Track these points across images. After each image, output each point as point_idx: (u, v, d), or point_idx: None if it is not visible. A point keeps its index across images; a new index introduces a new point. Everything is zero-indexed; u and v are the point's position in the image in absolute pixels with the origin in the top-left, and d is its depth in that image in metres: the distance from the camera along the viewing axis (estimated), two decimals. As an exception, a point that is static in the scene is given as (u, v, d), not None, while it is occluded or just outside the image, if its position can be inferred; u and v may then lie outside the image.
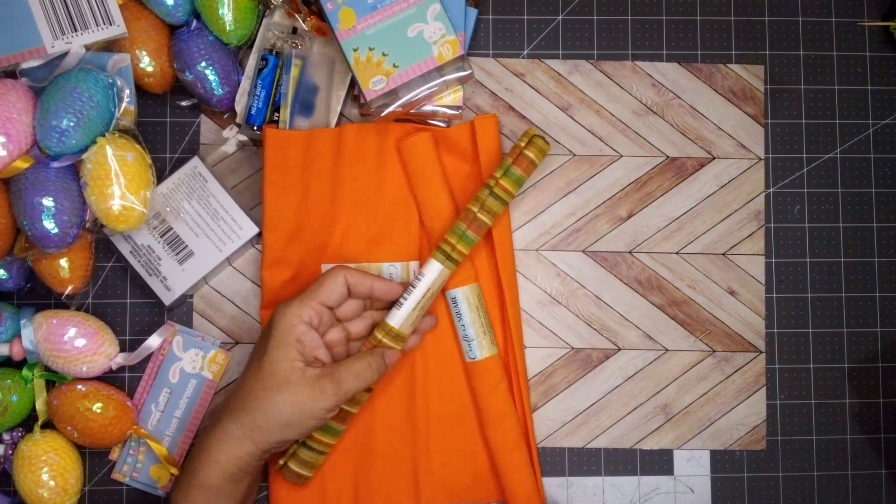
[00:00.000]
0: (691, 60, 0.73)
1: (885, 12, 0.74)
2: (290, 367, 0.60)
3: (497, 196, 0.65)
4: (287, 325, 0.61)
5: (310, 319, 0.62)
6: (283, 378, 0.60)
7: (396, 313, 0.65)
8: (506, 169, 0.66)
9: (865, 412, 0.72)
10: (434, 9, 0.66)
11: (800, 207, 0.73)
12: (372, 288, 0.65)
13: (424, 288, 0.65)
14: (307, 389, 0.60)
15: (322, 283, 0.63)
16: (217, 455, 0.60)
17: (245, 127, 0.69)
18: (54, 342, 0.64)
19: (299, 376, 0.60)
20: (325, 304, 0.63)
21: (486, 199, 0.65)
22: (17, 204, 0.62)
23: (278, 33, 0.68)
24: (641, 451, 0.71)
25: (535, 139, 0.66)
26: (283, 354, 0.61)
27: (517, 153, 0.66)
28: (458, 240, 0.65)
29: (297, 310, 0.62)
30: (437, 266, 0.65)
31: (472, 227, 0.65)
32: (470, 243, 0.65)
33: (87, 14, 0.64)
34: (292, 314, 0.61)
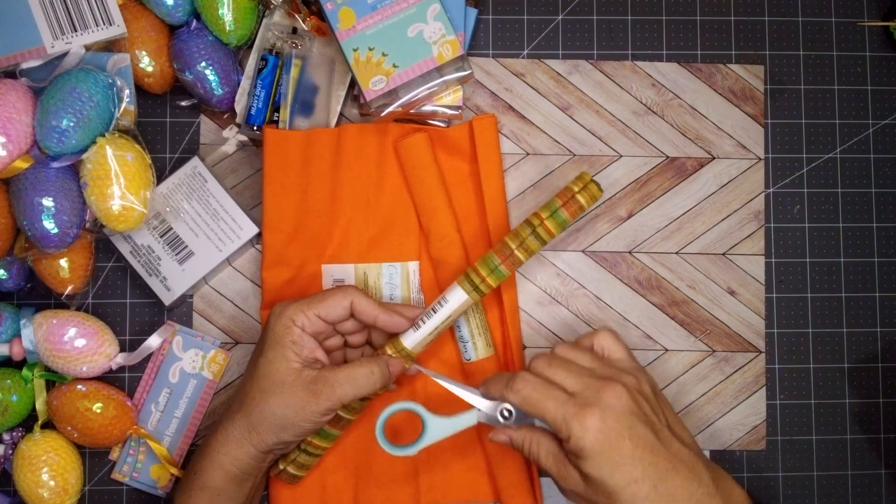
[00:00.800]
0: (691, 60, 0.73)
1: (885, 12, 0.74)
2: (287, 369, 0.60)
3: (538, 235, 0.63)
4: (282, 326, 0.60)
5: (303, 325, 0.61)
6: (278, 379, 0.60)
7: (412, 334, 0.63)
8: (553, 210, 0.63)
9: (865, 412, 0.72)
10: (434, 9, 0.66)
11: (799, 207, 0.73)
12: (376, 319, 0.62)
13: (445, 315, 0.63)
14: (301, 392, 0.59)
15: (325, 299, 0.61)
16: (219, 457, 0.60)
17: (245, 127, 0.69)
18: (54, 342, 0.64)
19: (294, 378, 0.60)
20: (323, 318, 0.61)
21: (527, 238, 0.63)
22: (17, 204, 0.62)
23: (278, 33, 0.68)
24: (641, 451, 0.71)
25: (590, 185, 0.63)
26: (279, 355, 0.60)
27: (569, 196, 0.63)
28: (489, 273, 0.63)
29: (293, 314, 0.61)
30: (463, 295, 0.63)
31: (505, 263, 0.63)
32: (500, 278, 0.63)
33: (87, 14, 0.64)
34: (287, 317, 0.61)
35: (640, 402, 0.56)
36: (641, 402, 0.56)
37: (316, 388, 0.59)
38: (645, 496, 0.54)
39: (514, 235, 0.63)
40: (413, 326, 0.63)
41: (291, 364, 0.60)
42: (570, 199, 0.63)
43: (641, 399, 0.56)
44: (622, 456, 0.54)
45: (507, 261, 0.63)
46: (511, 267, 0.63)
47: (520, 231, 0.63)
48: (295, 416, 0.59)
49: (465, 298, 0.63)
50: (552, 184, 0.72)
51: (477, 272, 0.63)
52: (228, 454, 0.60)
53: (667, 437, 0.56)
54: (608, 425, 0.54)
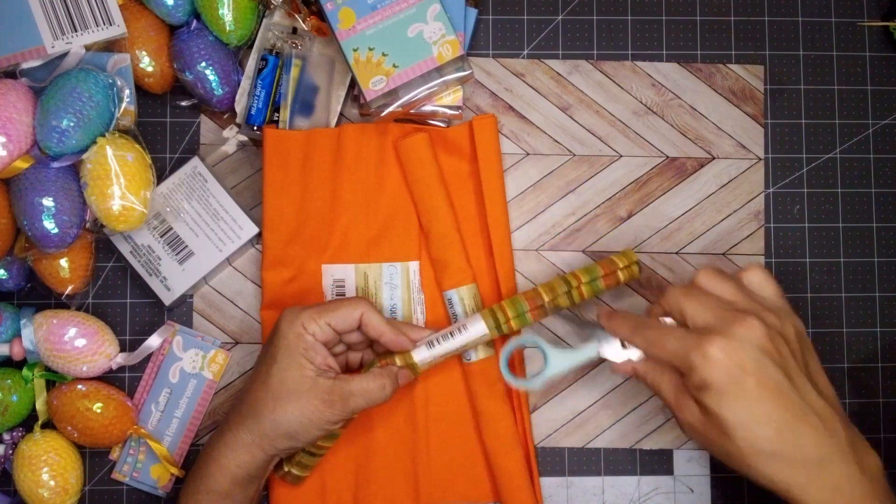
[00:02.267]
0: (691, 60, 0.73)
1: (885, 12, 0.74)
2: (301, 376, 0.59)
3: (571, 297, 0.64)
4: (295, 334, 0.60)
5: (314, 333, 0.60)
6: (293, 387, 0.59)
7: (425, 352, 0.63)
8: (593, 278, 0.64)
9: (865, 412, 0.72)
10: (434, 9, 0.66)
11: (799, 207, 0.73)
12: (382, 336, 0.62)
13: (462, 342, 0.63)
14: (316, 401, 0.59)
15: (337, 309, 0.61)
16: (226, 461, 0.60)
17: (245, 127, 0.69)
18: (54, 342, 0.64)
19: (310, 386, 0.59)
20: (333, 328, 0.61)
21: (560, 296, 0.63)
22: (18, 204, 0.62)
23: (278, 33, 0.68)
24: (641, 451, 0.71)
25: (632, 266, 0.64)
26: (293, 363, 0.60)
27: (611, 270, 0.64)
28: (515, 317, 0.63)
29: (305, 321, 0.60)
30: (484, 329, 0.63)
31: (533, 312, 0.63)
32: (524, 324, 0.64)
33: (87, 14, 0.65)
34: (300, 324, 0.60)
35: (776, 341, 0.52)
36: (779, 341, 0.52)
37: (331, 399, 0.59)
38: (766, 438, 0.51)
39: (548, 289, 0.64)
40: (427, 344, 0.63)
41: (306, 372, 0.60)
42: (612, 273, 0.64)
43: (780, 339, 0.52)
44: (745, 392, 0.50)
45: (536, 311, 0.63)
46: (537, 317, 0.64)
47: (555, 286, 0.64)
48: (309, 424, 0.59)
49: (484, 332, 0.63)
50: (552, 184, 0.72)
51: (504, 312, 0.63)
52: (236, 459, 0.60)
53: (802, 384, 0.51)
54: (732, 357, 0.50)
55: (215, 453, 0.61)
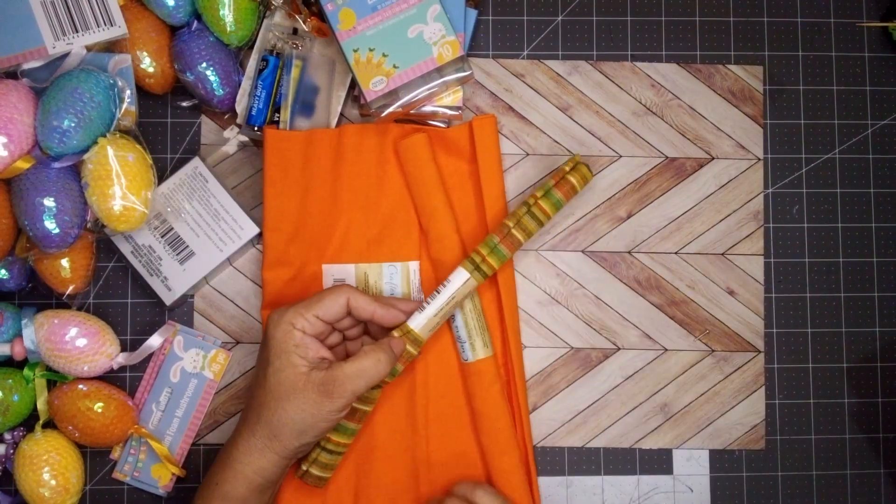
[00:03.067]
0: (690, 61, 0.73)
1: (884, 13, 0.74)
2: (295, 374, 0.60)
3: (534, 215, 0.65)
4: (282, 332, 0.61)
5: (303, 328, 0.61)
6: (289, 386, 0.60)
7: (418, 317, 0.64)
8: (546, 190, 0.66)
9: (864, 412, 0.72)
10: (434, 10, 0.66)
11: (798, 207, 0.73)
12: (373, 314, 0.63)
13: (448, 294, 0.64)
14: (314, 394, 0.60)
15: (321, 299, 0.62)
16: (241, 467, 0.60)
17: (246, 127, 0.69)
18: (55, 342, 0.65)
19: (304, 381, 0.60)
20: (322, 319, 0.62)
21: (523, 217, 0.65)
22: (19, 204, 0.62)
23: (279, 34, 0.68)
24: (640, 451, 0.71)
25: (579, 166, 0.66)
26: (286, 362, 0.60)
27: (560, 177, 0.66)
28: (490, 252, 0.65)
29: (291, 318, 0.61)
30: (465, 275, 0.64)
31: (504, 242, 0.65)
32: (501, 258, 0.65)
33: (88, 15, 0.65)
34: (286, 322, 0.61)
35: None
36: None
37: (328, 388, 0.60)
38: None
39: (511, 216, 0.66)
40: (418, 309, 0.64)
41: (299, 369, 0.60)
42: (562, 179, 0.66)
43: None
44: None
45: (506, 240, 0.65)
46: (510, 247, 0.65)
47: (516, 211, 0.66)
48: (313, 419, 0.60)
49: (466, 278, 0.64)
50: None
51: (478, 252, 0.65)
52: (251, 464, 0.60)
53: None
54: None
55: (230, 459, 0.61)
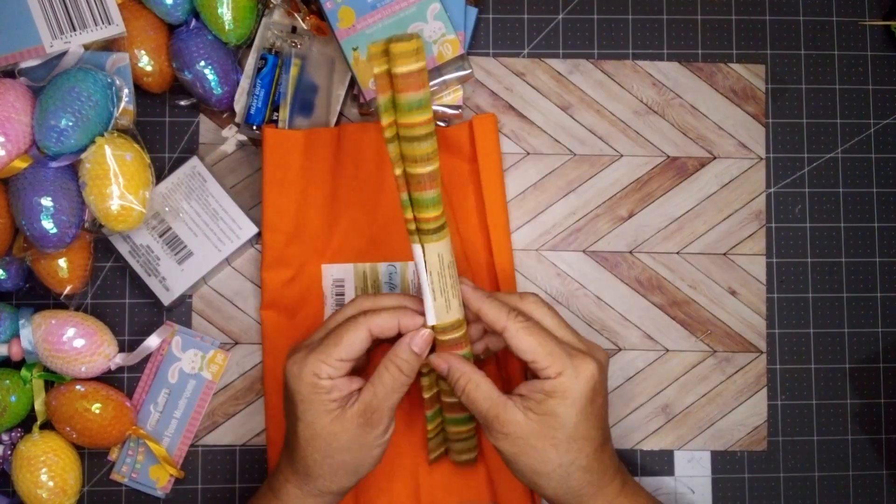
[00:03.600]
0: (692, 60, 0.73)
1: (886, 12, 0.74)
2: (331, 419, 0.57)
3: (409, 138, 0.53)
4: (309, 386, 0.57)
5: (329, 375, 0.57)
6: (327, 434, 0.57)
7: (427, 312, 0.59)
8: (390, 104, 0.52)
9: (866, 413, 0.72)
10: (434, 8, 0.66)
11: (801, 207, 0.73)
12: (399, 326, 0.58)
13: (423, 274, 0.57)
14: (356, 430, 0.57)
15: (341, 340, 0.57)
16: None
17: (244, 126, 0.68)
18: (53, 342, 0.64)
19: (342, 423, 0.57)
20: (346, 359, 0.57)
21: (402, 149, 0.54)
22: (16, 204, 0.62)
23: (278, 32, 0.68)
24: (642, 452, 0.71)
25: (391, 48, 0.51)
26: (318, 413, 0.57)
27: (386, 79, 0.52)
28: (408, 208, 0.56)
29: (314, 368, 0.57)
30: (416, 248, 0.57)
31: (410, 189, 0.55)
32: (424, 205, 0.55)
33: (86, 13, 0.64)
34: (309, 374, 0.57)
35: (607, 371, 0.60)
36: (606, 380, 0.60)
37: (367, 418, 0.57)
38: (587, 454, 0.57)
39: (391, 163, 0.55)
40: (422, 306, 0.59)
41: (333, 414, 0.57)
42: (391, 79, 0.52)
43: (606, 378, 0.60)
44: (592, 410, 0.57)
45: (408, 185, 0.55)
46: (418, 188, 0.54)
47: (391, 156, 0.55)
48: (361, 452, 0.58)
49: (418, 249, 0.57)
50: (552, 184, 0.71)
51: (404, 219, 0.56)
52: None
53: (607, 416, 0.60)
54: (598, 378, 0.57)
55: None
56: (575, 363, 0.56)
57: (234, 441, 0.70)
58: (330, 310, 0.69)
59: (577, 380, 0.56)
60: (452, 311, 0.58)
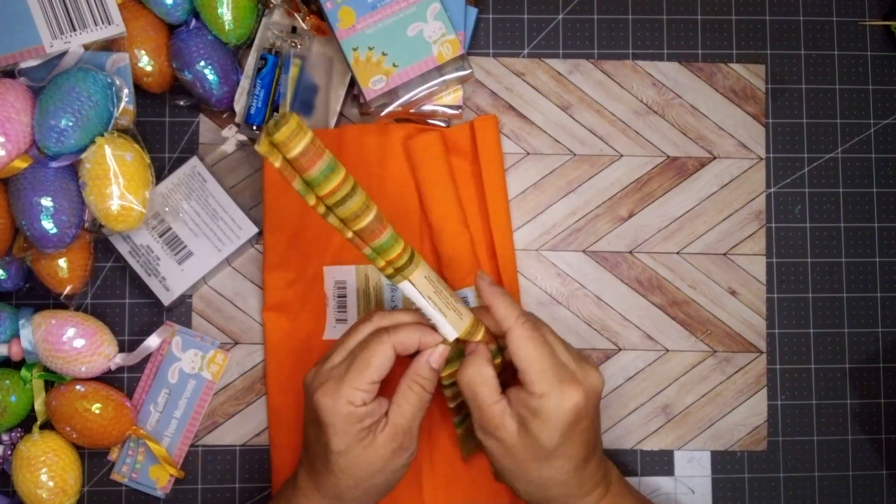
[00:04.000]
0: (692, 60, 0.73)
1: (886, 12, 0.74)
2: (364, 448, 0.57)
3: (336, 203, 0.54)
4: (344, 415, 0.56)
5: (364, 401, 0.56)
6: (362, 463, 0.57)
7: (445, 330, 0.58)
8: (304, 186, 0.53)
9: (866, 413, 0.72)
10: (434, 8, 0.66)
11: (801, 207, 0.73)
12: (420, 343, 0.58)
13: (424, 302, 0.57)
14: (387, 455, 0.57)
15: (370, 361, 0.56)
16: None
17: (244, 127, 0.68)
18: (53, 342, 0.64)
19: (375, 450, 0.57)
20: (377, 382, 0.57)
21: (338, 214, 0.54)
22: (16, 204, 0.62)
23: (277, 32, 0.68)
24: (642, 452, 0.71)
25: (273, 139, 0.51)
26: (351, 441, 0.56)
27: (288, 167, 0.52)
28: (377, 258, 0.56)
29: (349, 396, 0.56)
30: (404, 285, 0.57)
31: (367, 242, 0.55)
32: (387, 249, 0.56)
33: (86, 13, 0.64)
34: (345, 403, 0.56)
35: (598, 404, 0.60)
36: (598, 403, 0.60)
37: (399, 442, 0.57)
38: (567, 471, 0.58)
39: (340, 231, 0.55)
40: None
41: (365, 441, 0.57)
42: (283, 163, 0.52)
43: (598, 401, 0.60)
44: (574, 433, 0.57)
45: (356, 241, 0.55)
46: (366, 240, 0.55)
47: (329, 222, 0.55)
48: (393, 476, 0.59)
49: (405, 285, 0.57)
50: (552, 184, 0.71)
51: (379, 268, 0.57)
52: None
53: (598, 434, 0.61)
54: (583, 405, 0.56)
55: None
56: (563, 388, 0.56)
57: (234, 441, 0.70)
58: (332, 311, 0.69)
59: (560, 406, 0.56)
60: (464, 316, 0.59)
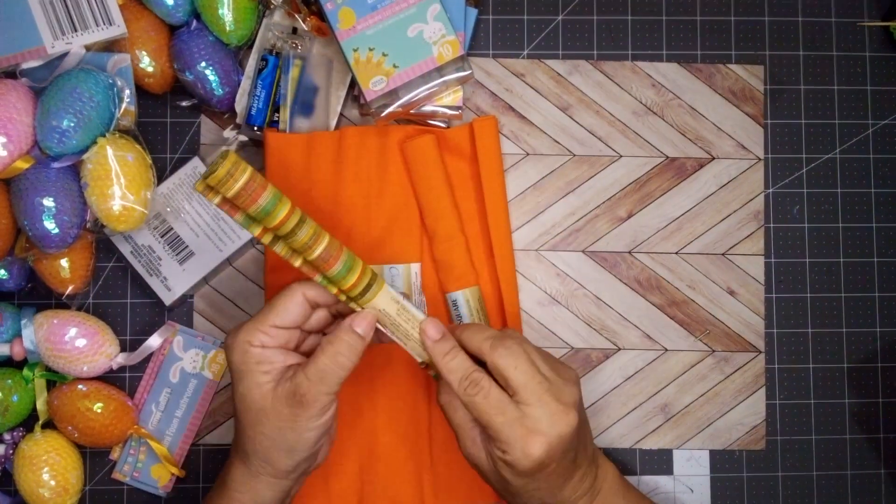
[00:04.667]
0: (691, 61, 0.73)
1: (885, 12, 0.74)
2: (261, 394, 0.55)
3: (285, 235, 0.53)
4: (240, 354, 0.55)
5: (262, 343, 0.55)
6: (258, 408, 0.55)
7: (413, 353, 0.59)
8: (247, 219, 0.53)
9: (864, 412, 0.72)
10: (434, 9, 0.66)
11: (799, 207, 0.73)
12: (335, 302, 0.57)
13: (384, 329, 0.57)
14: (286, 409, 0.54)
15: (274, 306, 0.56)
16: (239, 496, 0.58)
17: (245, 127, 0.69)
18: (55, 342, 0.64)
19: (272, 399, 0.55)
20: (282, 326, 0.56)
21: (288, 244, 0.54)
22: (18, 204, 0.62)
23: (278, 33, 0.68)
24: (641, 451, 0.71)
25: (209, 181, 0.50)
26: (250, 384, 0.55)
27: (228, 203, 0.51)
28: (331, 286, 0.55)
29: (247, 336, 0.55)
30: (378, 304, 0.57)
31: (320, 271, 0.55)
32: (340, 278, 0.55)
33: (87, 14, 0.64)
34: (242, 342, 0.55)
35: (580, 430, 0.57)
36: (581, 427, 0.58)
37: (297, 399, 0.54)
38: (540, 498, 0.58)
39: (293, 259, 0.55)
40: None
41: (264, 387, 0.55)
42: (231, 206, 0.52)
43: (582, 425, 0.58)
44: (543, 475, 0.56)
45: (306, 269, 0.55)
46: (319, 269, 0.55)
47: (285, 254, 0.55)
48: (294, 433, 0.55)
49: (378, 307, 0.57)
50: (552, 184, 0.72)
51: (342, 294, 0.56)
52: (248, 492, 0.57)
53: (580, 453, 0.59)
54: (549, 454, 0.55)
55: (227, 489, 0.58)
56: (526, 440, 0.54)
57: (235, 440, 0.70)
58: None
59: (525, 457, 0.55)
60: None
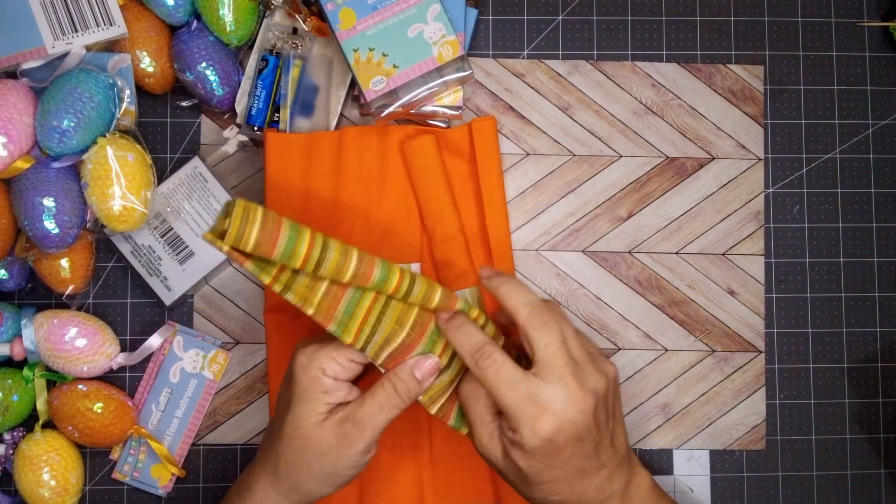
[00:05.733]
0: (691, 61, 0.73)
1: (885, 12, 0.74)
2: (314, 423, 0.55)
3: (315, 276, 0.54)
4: (311, 379, 0.55)
5: (335, 374, 0.55)
6: (305, 435, 0.55)
7: None
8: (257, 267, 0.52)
9: (865, 412, 0.72)
10: (434, 9, 0.66)
11: (799, 207, 0.73)
12: None
13: None
14: (332, 441, 0.55)
15: None
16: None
17: (245, 127, 0.69)
18: (55, 342, 0.64)
19: (321, 430, 0.55)
20: (356, 361, 0.56)
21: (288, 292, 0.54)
22: (18, 204, 0.62)
23: (278, 34, 0.68)
24: (641, 451, 0.71)
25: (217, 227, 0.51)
26: (309, 410, 0.55)
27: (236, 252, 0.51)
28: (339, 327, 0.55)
29: (322, 363, 0.55)
30: None
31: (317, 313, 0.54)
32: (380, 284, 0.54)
33: (88, 15, 0.65)
34: (316, 368, 0.55)
35: (598, 415, 0.55)
36: (600, 414, 0.55)
37: (345, 431, 0.55)
38: (559, 492, 0.55)
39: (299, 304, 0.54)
40: None
41: (319, 416, 0.55)
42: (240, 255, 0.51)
43: (602, 410, 0.55)
44: (556, 460, 0.54)
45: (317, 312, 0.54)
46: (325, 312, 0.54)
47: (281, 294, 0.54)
48: (333, 468, 0.55)
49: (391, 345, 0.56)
50: (552, 184, 0.72)
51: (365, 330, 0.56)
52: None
53: (604, 448, 0.56)
54: (559, 436, 0.53)
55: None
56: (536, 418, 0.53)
57: (235, 440, 0.70)
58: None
59: (533, 434, 0.53)
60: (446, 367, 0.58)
